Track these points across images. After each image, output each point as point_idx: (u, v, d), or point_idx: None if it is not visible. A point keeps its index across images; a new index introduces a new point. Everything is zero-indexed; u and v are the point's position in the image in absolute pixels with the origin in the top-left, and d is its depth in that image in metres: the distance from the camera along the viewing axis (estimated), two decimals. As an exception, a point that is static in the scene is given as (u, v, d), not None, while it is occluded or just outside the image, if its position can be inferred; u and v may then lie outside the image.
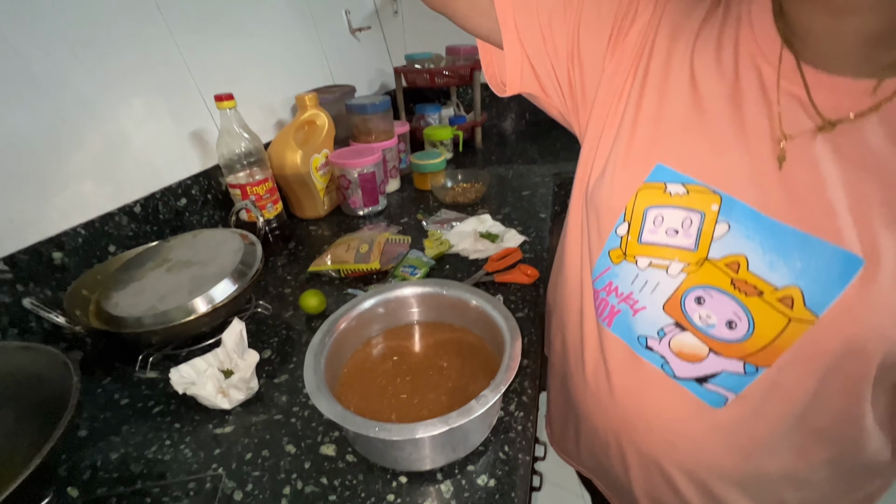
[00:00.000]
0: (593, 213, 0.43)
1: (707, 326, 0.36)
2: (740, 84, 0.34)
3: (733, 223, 0.34)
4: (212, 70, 0.83)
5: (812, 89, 0.31)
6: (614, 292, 0.42)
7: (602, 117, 0.43)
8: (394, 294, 0.53)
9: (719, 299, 0.35)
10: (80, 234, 0.61)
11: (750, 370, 0.35)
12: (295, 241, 0.87)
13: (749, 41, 0.34)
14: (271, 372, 0.55)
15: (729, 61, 0.35)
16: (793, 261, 0.31)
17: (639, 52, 0.40)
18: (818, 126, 0.31)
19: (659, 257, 0.38)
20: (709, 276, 0.35)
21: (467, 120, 1.40)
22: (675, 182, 0.37)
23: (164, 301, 0.55)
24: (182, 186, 0.76)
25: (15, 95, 0.54)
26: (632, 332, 0.41)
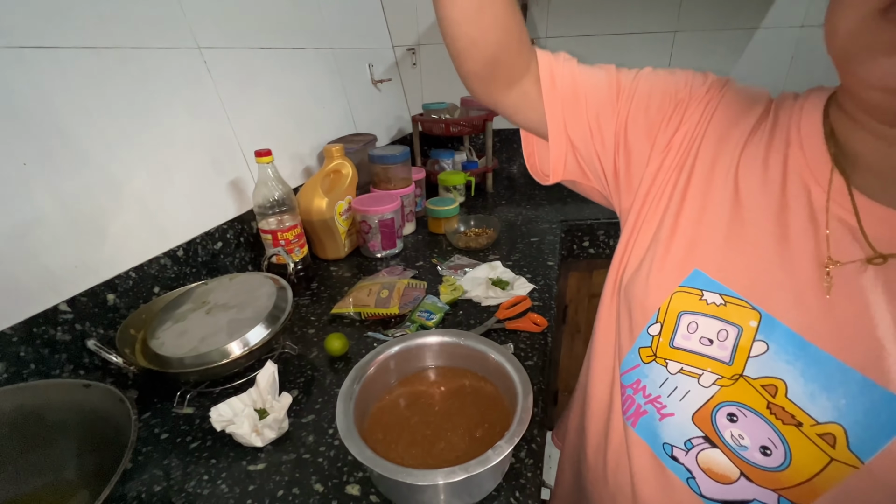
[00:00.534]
0: (625, 307, 0.43)
1: (739, 447, 0.34)
2: (787, 202, 0.33)
3: (772, 344, 0.32)
4: (251, 124, 0.91)
5: (863, 218, 0.30)
6: (641, 391, 0.41)
7: (643, 210, 0.42)
8: (416, 342, 0.58)
9: (754, 421, 0.33)
10: (131, 277, 0.67)
11: (784, 503, 0.32)
12: (317, 282, 0.93)
13: (798, 159, 0.33)
14: (298, 412, 0.60)
15: (776, 177, 0.34)
16: (836, 396, 0.30)
17: (684, 154, 0.39)
18: (869, 258, 0.29)
19: (691, 364, 0.36)
20: (743, 394, 0.34)
21: (479, 165, 1.48)
22: (713, 291, 0.35)
23: (204, 343, 0.60)
24: (219, 231, 0.83)
25: (82, 144, 0.61)
26: (657, 438, 0.39)
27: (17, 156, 0.54)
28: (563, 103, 0.45)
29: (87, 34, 0.62)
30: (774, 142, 0.35)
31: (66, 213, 0.59)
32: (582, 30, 1.52)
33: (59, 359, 0.58)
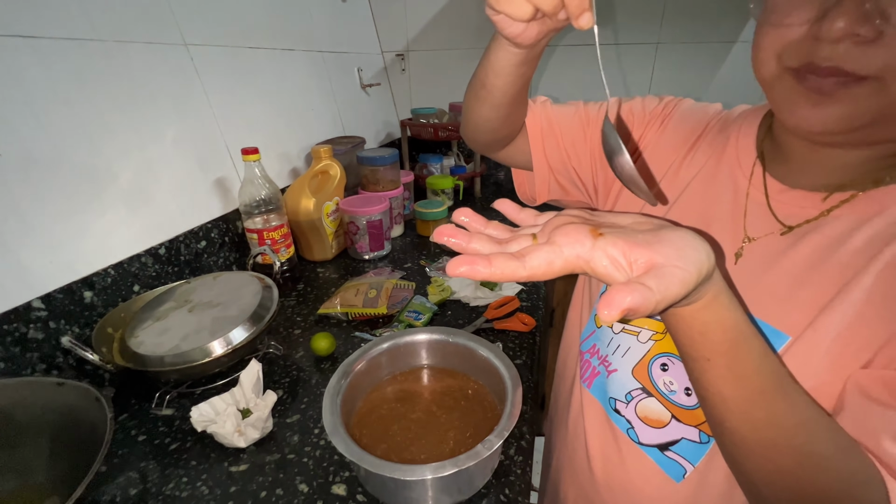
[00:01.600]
0: (587, 280, 0.50)
1: (669, 392, 0.40)
2: (717, 191, 0.41)
3: None
4: (238, 123, 0.90)
5: (772, 198, 0.38)
6: (596, 354, 0.47)
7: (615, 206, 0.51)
8: (405, 340, 0.57)
9: (681, 367, 0.39)
10: (110, 275, 0.65)
11: (703, 438, 0.38)
12: (304, 283, 0.91)
13: (732, 156, 0.41)
14: (283, 412, 0.58)
15: (711, 171, 0.42)
16: None
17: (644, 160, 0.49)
18: (780, 231, 0.37)
19: (631, 324, 0.43)
20: (672, 344, 0.39)
21: (467, 170, 1.49)
22: None
23: (186, 341, 0.58)
24: (203, 230, 0.81)
25: (63, 140, 0.60)
26: (605, 394, 0.45)
27: (-8, 146, 0.52)
28: (544, 143, 0.54)
29: (71, 25, 0.60)
30: (715, 145, 0.43)
31: (42, 206, 0.57)
32: (567, 40, 1.55)
33: (31, 358, 0.55)
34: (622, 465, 0.44)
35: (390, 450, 0.48)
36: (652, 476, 0.42)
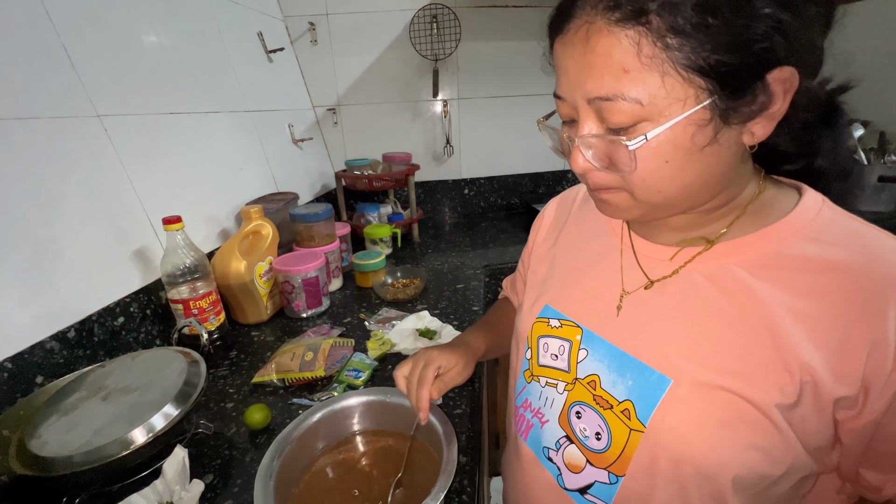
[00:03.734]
0: (514, 342, 0.56)
1: (584, 438, 0.44)
2: (601, 253, 0.49)
3: (590, 349, 0.45)
4: (159, 191, 0.88)
5: (637, 251, 0.45)
6: (529, 408, 0.51)
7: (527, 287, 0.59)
8: (339, 405, 0.57)
9: (590, 413, 0.44)
10: (6, 368, 0.59)
11: (612, 479, 0.42)
12: (237, 349, 0.88)
13: (606, 222, 0.50)
14: (213, 499, 0.55)
15: (594, 240, 0.50)
16: (626, 379, 0.41)
17: (540, 251, 0.58)
18: (644, 285, 0.43)
19: (551, 377, 0.48)
20: (580, 393, 0.45)
21: (404, 217, 1.53)
22: (554, 318, 0.49)
23: (100, 435, 0.54)
24: (121, 305, 0.77)
25: None
26: (539, 444, 0.49)
27: None
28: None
29: (-38, 107, 0.58)
30: (588, 217, 0.53)
31: (-78, 302, 0.52)
32: (489, 91, 1.69)
33: None
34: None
35: (329, 526, 0.47)
36: None
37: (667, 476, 0.39)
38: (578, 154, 0.37)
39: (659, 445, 0.38)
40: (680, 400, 0.38)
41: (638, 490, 0.40)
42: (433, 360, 0.55)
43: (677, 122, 0.33)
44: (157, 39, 0.93)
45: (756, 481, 0.37)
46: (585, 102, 0.36)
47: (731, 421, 0.36)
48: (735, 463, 0.36)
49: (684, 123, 0.33)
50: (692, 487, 0.38)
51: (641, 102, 0.33)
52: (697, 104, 0.33)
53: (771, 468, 0.37)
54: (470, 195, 1.83)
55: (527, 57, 1.66)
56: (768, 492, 0.38)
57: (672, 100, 0.33)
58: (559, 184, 1.88)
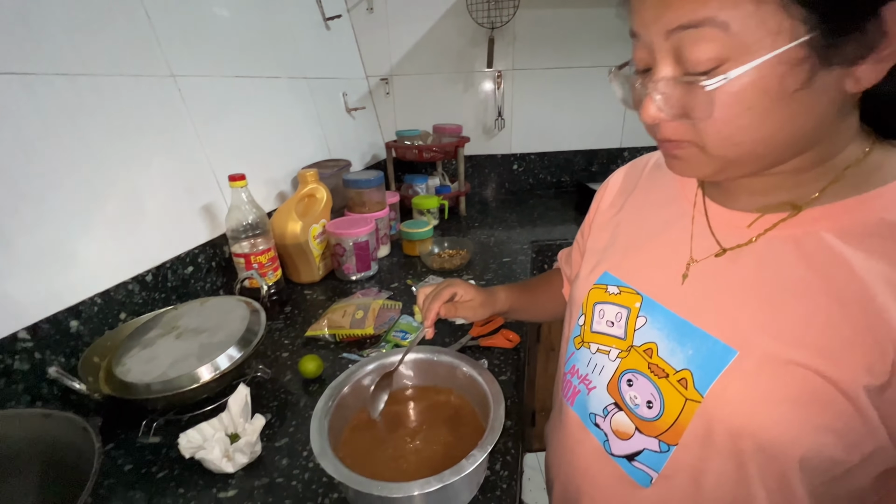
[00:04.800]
0: (569, 308, 0.55)
1: (635, 406, 0.43)
2: (670, 220, 0.46)
3: (650, 317, 0.43)
4: (224, 151, 0.92)
5: (710, 217, 0.42)
6: (576, 374, 0.50)
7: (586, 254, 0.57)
8: (390, 360, 0.59)
9: (643, 381, 0.42)
10: (97, 303, 0.65)
11: (664, 448, 0.40)
12: (291, 306, 0.92)
13: (677, 185, 0.47)
14: (271, 436, 0.59)
15: (666, 202, 0.48)
16: (686, 348, 0.39)
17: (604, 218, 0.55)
18: (716, 253, 0.41)
19: (603, 344, 0.47)
20: (634, 361, 0.43)
21: (452, 189, 1.52)
22: (613, 284, 0.48)
23: (173, 368, 0.59)
24: (190, 255, 0.82)
25: (52, 170, 0.61)
26: (586, 410, 0.48)
27: (-19, 181, 0.53)
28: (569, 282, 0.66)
29: (62, 61, 0.62)
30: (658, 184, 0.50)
31: (31, 239, 0.58)
32: (545, 63, 1.62)
33: (16, 389, 0.55)
34: (599, 474, 0.47)
35: (377, 469, 0.49)
36: (624, 483, 0.44)
37: (723, 449, 0.37)
38: (650, 102, 0.34)
39: (716, 417, 0.37)
40: (745, 372, 0.35)
41: (689, 461, 0.39)
42: (453, 285, 0.59)
43: (766, 61, 0.29)
44: (225, 4, 0.96)
45: (827, 466, 0.34)
46: (663, 38, 0.32)
47: (802, 398, 0.34)
48: (802, 443, 0.34)
49: (774, 62, 0.29)
50: (752, 465, 0.36)
51: (728, 29, 0.29)
52: (793, 40, 0.28)
53: (845, 454, 0.34)
54: (519, 171, 1.79)
55: (588, 26, 1.57)
56: (842, 482, 0.36)
57: (763, 32, 0.29)
58: (614, 162, 1.80)
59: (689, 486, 0.40)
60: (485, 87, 1.66)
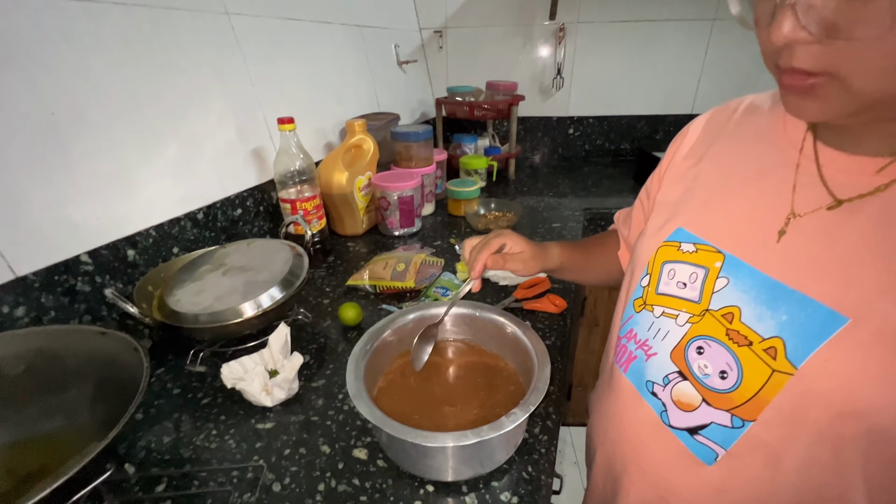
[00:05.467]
0: (630, 268, 0.50)
1: (703, 376, 0.38)
2: (764, 170, 0.40)
3: (732, 278, 0.38)
4: (275, 94, 0.91)
5: (824, 166, 0.36)
6: (633, 339, 0.46)
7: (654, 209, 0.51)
8: (431, 312, 0.56)
9: (716, 349, 0.38)
10: (151, 235, 0.67)
11: (737, 423, 0.36)
12: (334, 256, 0.92)
13: (778, 134, 0.40)
14: (309, 376, 0.59)
15: (762, 149, 0.41)
16: (779, 313, 0.34)
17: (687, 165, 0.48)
18: (828, 205, 0.34)
19: (670, 307, 0.42)
20: (709, 326, 0.39)
21: (502, 151, 1.45)
22: (688, 242, 0.42)
23: (219, 301, 0.60)
24: (239, 198, 0.83)
25: (112, 103, 0.62)
26: (642, 378, 0.44)
27: (47, 105, 0.55)
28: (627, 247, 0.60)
29: (118, -11, 0.62)
30: (748, 131, 0.43)
31: (93, 166, 0.59)
32: (614, 15, 1.47)
33: (79, 309, 0.58)
34: (652, 445, 0.43)
35: (411, 419, 0.48)
36: (682, 458, 0.40)
37: (816, 430, 0.33)
38: (788, 15, 0.27)
39: (812, 393, 0.32)
40: (857, 343, 0.31)
41: (768, 440, 0.35)
42: (502, 235, 0.54)
43: None
44: (281, -61, 0.93)
45: None
46: None
47: None
48: None
49: None
50: (853, 450, 0.32)
51: None
52: None
53: None
54: (574, 136, 1.68)
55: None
56: None
57: None
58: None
59: (763, 469, 0.36)
60: (545, 42, 1.54)
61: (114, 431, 0.38)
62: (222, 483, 0.45)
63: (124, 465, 0.47)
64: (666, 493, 0.43)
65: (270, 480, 0.45)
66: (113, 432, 0.38)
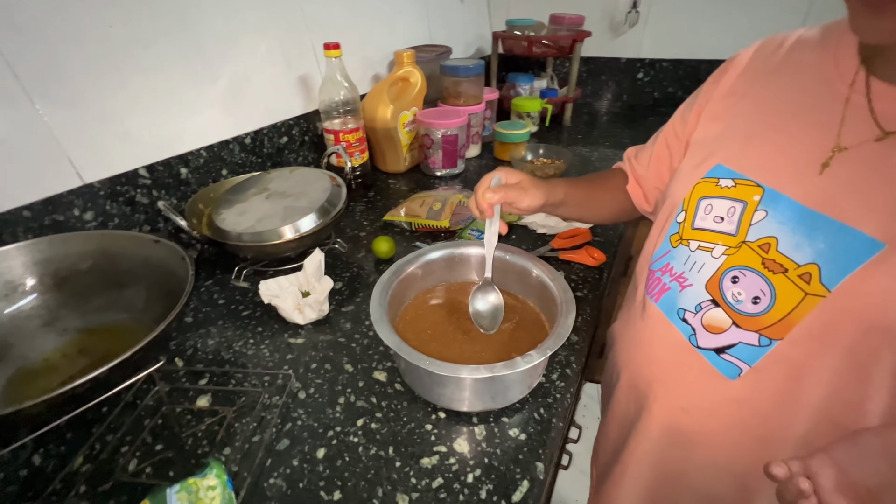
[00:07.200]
0: (663, 209, 0.50)
1: (736, 303, 0.41)
2: (810, 103, 0.39)
3: (770, 210, 0.39)
4: (322, 20, 0.88)
5: (875, 99, 0.35)
6: (669, 272, 0.47)
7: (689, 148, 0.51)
8: (460, 251, 0.56)
9: (751, 278, 0.39)
10: (202, 156, 0.70)
11: (764, 342, 0.39)
12: (374, 191, 0.93)
13: (828, 67, 0.39)
14: (340, 301, 0.62)
15: (810, 84, 0.40)
16: (816, 242, 0.36)
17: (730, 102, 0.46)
18: (875, 137, 0.34)
19: (707, 241, 0.43)
20: (745, 257, 0.40)
21: (559, 94, 1.35)
22: (727, 178, 0.43)
23: (260, 223, 0.62)
24: (285, 126, 0.84)
25: (163, 16, 0.62)
26: (674, 306, 0.46)
27: (104, 17, 0.56)
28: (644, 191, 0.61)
29: None
30: (798, 62, 0.42)
31: (145, 82, 0.62)
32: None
33: (138, 219, 0.63)
34: (678, 364, 0.45)
35: (429, 347, 0.49)
36: (706, 374, 0.43)
37: (841, 345, 0.35)
38: None
39: (843, 311, 0.34)
40: (891, 266, 0.32)
41: (794, 356, 0.37)
42: (496, 171, 0.51)
43: None
44: None
45: None
46: None
47: None
48: None
49: None
50: (877, 365, 0.34)
51: None
52: None
53: None
54: (644, 81, 1.52)
55: None
56: None
57: None
58: (773, 80, 1.43)
59: (784, 382, 0.38)
60: (623, -32, 1.35)
61: (161, 325, 0.42)
62: (255, 385, 0.49)
63: (174, 359, 0.52)
64: (689, 406, 0.45)
65: (297, 388, 0.48)
66: (161, 326, 0.42)
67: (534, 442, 0.43)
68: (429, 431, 0.44)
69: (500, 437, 0.43)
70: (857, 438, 0.31)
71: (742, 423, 0.42)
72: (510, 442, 0.43)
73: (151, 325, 0.42)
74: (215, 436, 0.44)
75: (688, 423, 0.45)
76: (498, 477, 0.40)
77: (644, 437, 0.50)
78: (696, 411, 0.44)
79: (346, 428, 0.44)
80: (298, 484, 0.39)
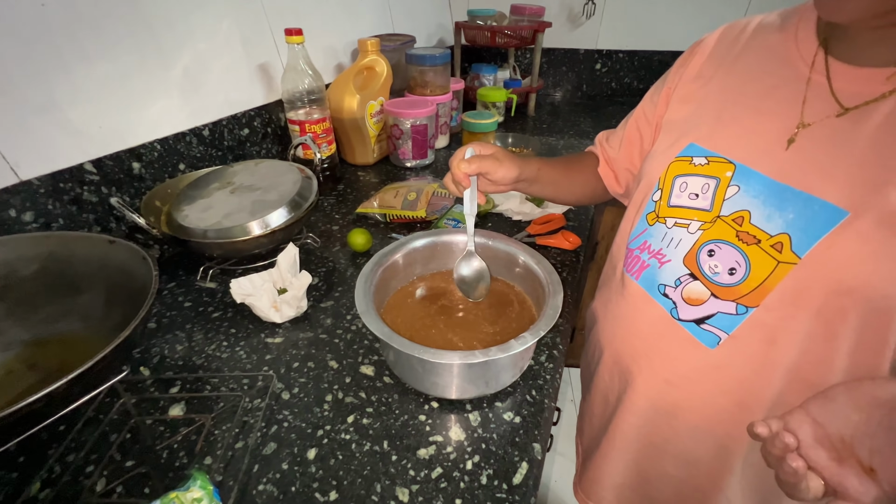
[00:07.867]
0: (640, 186, 0.51)
1: (713, 275, 0.42)
2: (775, 83, 0.41)
3: (742, 185, 0.41)
4: (281, 4, 0.84)
5: (834, 78, 0.38)
6: (647, 250, 0.48)
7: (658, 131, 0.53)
8: (443, 239, 0.55)
9: (727, 250, 0.41)
10: (156, 149, 0.65)
11: (741, 310, 0.41)
12: (343, 184, 0.90)
13: (790, 49, 0.41)
14: (318, 297, 0.59)
15: (774, 67, 0.42)
16: (786, 213, 0.38)
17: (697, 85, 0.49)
18: (836, 114, 0.37)
19: (683, 217, 0.45)
20: (720, 231, 0.42)
21: (523, 84, 1.36)
22: (700, 156, 0.45)
23: (228, 219, 0.59)
24: (246, 117, 0.80)
25: (109, 12, 0.57)
26: (654, 282, 0.47)
27: (35, -5, 0.50)
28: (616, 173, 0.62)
29: None
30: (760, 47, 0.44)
31: (89, 67, 0.56)
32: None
33: (87, 219, 0.58)
34: (661, 337, 0.47)
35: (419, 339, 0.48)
36: (687, 344, 0.44)
37: (812, 308, 0.37)
38: None
39: (814, 276, 0.36)
40: (855, 231, 0.34)
41: (768, 321, 0.39)
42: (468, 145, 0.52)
43: None
44: None
45: None
46: None
47: None
48: None
49: None
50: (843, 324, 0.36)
51: None
52: None
53: None
54: (601, 72, 1.56)
55: None
56: None
57: None
58: (719, 70, 1.51)
59: (759, 346, 0.40)
60: (579, -40, 1.38)
61: (125, 331, 0.38)
62: (233, 388, 0.46)
63: (140, 368, 0.48)
64: (672, 377, 0.47)
65: (280, 389, 0.46)
66: (125, 332, 0.38)
67: (528, 424, 0.43)
68: (423, 422, 0.43)
69: (495, 422, 0.43)
70: (829, 394, 0.33)
71: (722, 389, 0.44)
72: (505, 426, 0.43)
73: (109, 334, 0.39)
74: (194, 445, 0.41)
75: (672, 393, 0.47)
76: (497, 461, 0.39)
77: (630, 410, 0.51)
78: (680, 381, 0.46)
79: (336, 426, 0.42)
80: (291, 487, 0.37)
